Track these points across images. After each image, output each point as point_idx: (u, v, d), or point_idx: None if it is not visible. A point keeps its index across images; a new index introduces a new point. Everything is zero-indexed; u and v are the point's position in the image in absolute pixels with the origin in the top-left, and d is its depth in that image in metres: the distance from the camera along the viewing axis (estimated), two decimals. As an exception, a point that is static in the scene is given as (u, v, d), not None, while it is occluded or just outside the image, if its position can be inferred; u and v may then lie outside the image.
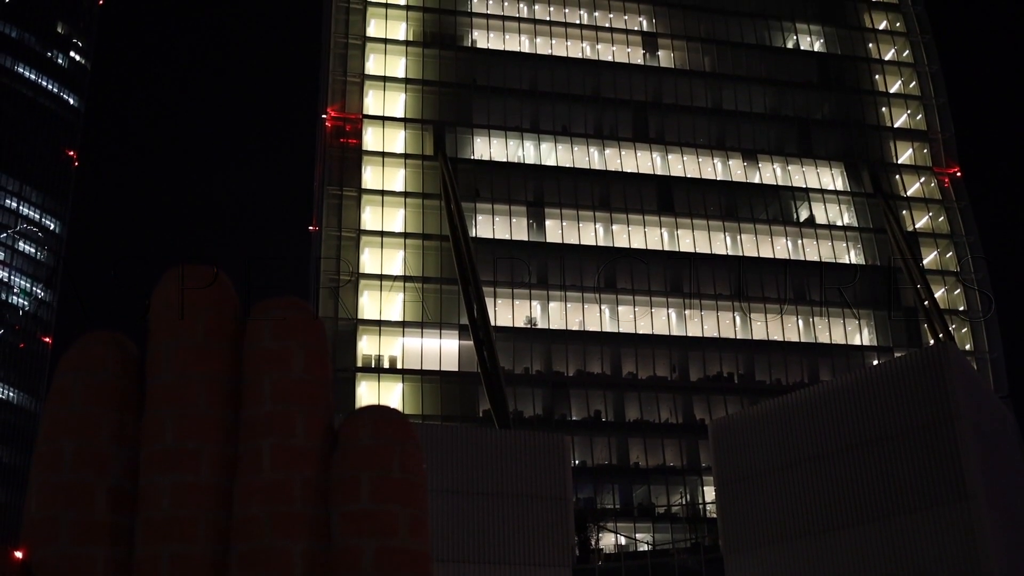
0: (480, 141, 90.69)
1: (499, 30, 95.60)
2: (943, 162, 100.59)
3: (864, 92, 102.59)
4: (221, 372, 4.27)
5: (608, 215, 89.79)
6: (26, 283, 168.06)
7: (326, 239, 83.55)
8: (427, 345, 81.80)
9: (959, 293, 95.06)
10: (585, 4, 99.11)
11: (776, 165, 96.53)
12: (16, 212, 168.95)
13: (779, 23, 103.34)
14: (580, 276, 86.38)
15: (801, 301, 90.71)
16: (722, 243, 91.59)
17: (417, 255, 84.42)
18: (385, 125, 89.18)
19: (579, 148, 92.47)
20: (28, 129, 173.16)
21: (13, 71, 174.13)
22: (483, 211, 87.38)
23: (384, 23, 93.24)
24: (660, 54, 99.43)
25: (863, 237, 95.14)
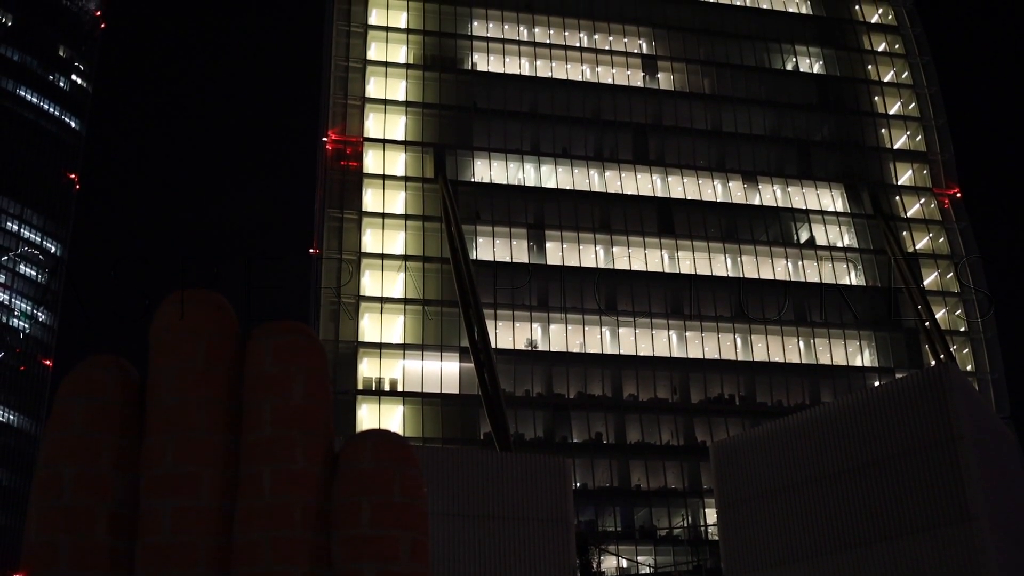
0: (480, 163, 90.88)
1: (499, 53, 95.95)
2: (943, 183, 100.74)
3: (863, 114, 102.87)
4: (222, 396, 4.28)
5: (608, 237, 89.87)
6: (27, 306, 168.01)
7: (327, 262, 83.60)
8: (428, 367, 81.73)
9: (960, 314, 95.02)
10: (585, 27, 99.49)
11: (776, 187, 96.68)
12: (17, 235, 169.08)
13: (778, 45, 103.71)
14: (581, 298, 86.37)
15: (802, 322, 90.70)
16: (722, 265, 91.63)
17: (418, 277, 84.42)
18: (386, 148, 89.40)
19: (579, 170, 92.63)
20: (29, 152, 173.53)
21: (15, 94, 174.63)
22: (483, 233, 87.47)
23: (385, 46, 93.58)
24: (660, 76, 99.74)
25: (863, 258, 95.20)
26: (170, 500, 4.14)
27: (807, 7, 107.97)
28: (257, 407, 4.29)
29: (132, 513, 4.20)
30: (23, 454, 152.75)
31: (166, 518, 4.11)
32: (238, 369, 4.36)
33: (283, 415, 4.25)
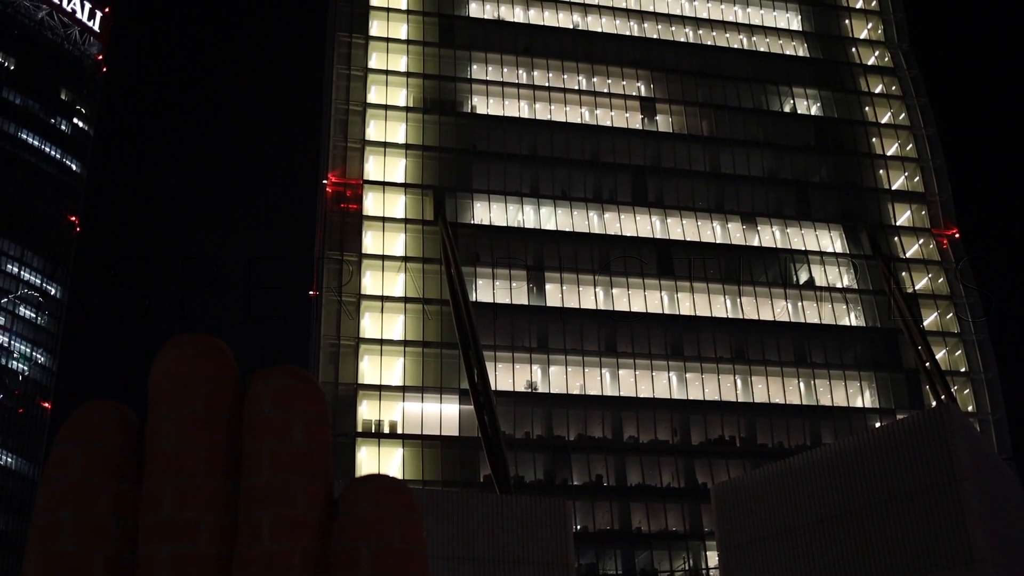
0: (480, 206, 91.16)
1: (498, 96, 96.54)
2: (941, 223, 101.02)
3: (861, 155, 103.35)
4: (221, 441, 4.27)
5: (608, 279, 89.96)
6: (26, 348, 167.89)
7: (326, 304, 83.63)
8: (427, 410, 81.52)
9: (960, 354, 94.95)
10: (583, 70, 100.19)
11: (775, 228, 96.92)
12: (17, 277, 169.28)
13: (776, 87, 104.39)
14: (581, 340, 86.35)
15: (802, 363, 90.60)
16: (722, 306, 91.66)
17: (417, 320, 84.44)
18: (385, 190, 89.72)
19: (579, 212, 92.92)
20: (30, 195, 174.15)
21: (16, 137, 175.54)
22: (483, 275, 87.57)
23: (384, 90, 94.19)
24: (658, 119, 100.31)
25: (863, 299, 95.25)
26: (169, 546, 4.11)
27: (804, 50, 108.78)
28: (256, 452, 4.28)
29: (130, 559, 4.17)
30: (21, 497, 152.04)
31: (165, 564, 4.09)
32: (237, 414, 4.35)
33: (282, 460, 4.24)
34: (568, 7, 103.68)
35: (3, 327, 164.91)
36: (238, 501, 4.24)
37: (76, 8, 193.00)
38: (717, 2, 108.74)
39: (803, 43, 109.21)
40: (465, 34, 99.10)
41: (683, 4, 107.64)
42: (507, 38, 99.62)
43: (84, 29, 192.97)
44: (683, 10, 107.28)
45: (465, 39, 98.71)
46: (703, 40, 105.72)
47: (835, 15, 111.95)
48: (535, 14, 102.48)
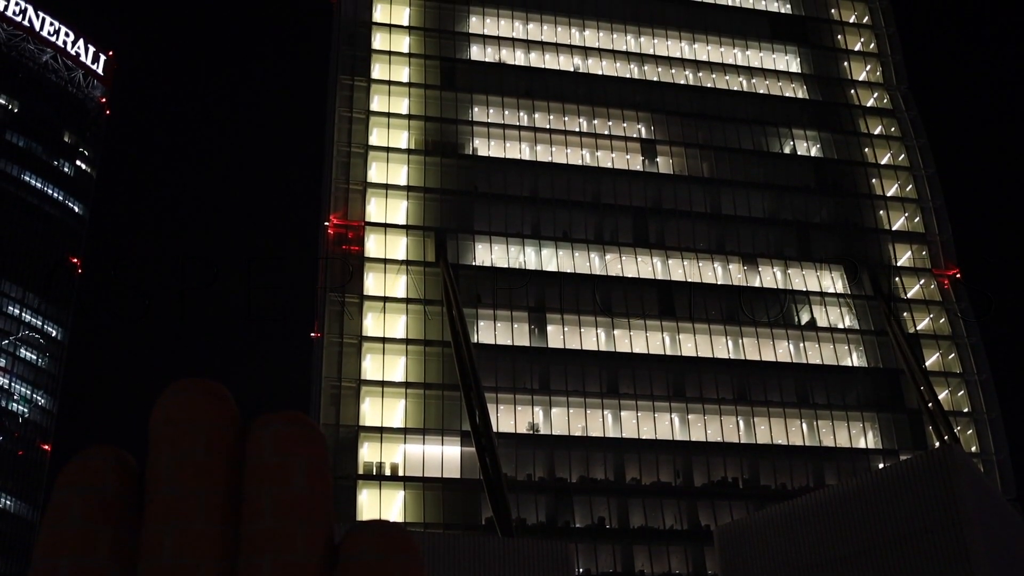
0: (481, 247, 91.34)
1: (500, 138, 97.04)
2: (942, 264, 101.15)
3: (861, 196, 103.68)
4: (221, 487, 4.25)
5: (610, 320, 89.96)
6: (26, 390, 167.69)
7: (328, 346, 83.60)
8: (429, 451, 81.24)
9: (963, 394, 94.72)
10: (584, 112, 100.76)
11: (776, 269, 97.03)
12: (18, 319, 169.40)
13: (776, 129, 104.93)
14: (582, 381, 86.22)
15: (804, 404, 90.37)
16: (724, 347, 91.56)
17: (419, 361, 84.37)
18: (387, 232, 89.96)
19: (580, 253, 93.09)
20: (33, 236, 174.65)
21: (19, 179, 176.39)
22: (485, 316, 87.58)
23: (386, 132, 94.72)
24: (659, 160, 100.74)
25: (865, 339, 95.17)
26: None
27: (804, 92, 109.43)
28: (257, 497, 4.26)
29: (130, 606, 4.14)
30: (21, 540, 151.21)
31: (164, 611, 4.06)
32: (238, 459, 4.34)
33: (283, 505, 4.22)
34: (568, 50, 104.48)
35: (3, 369, 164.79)
36: (238, 547, 4.22)
37: (80, 52, 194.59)
38: (717, 45, 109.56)
39: (802, 85, 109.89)
40: (466, 77, 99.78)
41: (683, 47, 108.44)
42: (508, 81, 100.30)
43: (88, 72, 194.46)
44: (683, 53, 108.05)
45: (466, 82, 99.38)
46: (703, 82, 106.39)
47: (834, 57, 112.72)
48: (536, 57, 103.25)
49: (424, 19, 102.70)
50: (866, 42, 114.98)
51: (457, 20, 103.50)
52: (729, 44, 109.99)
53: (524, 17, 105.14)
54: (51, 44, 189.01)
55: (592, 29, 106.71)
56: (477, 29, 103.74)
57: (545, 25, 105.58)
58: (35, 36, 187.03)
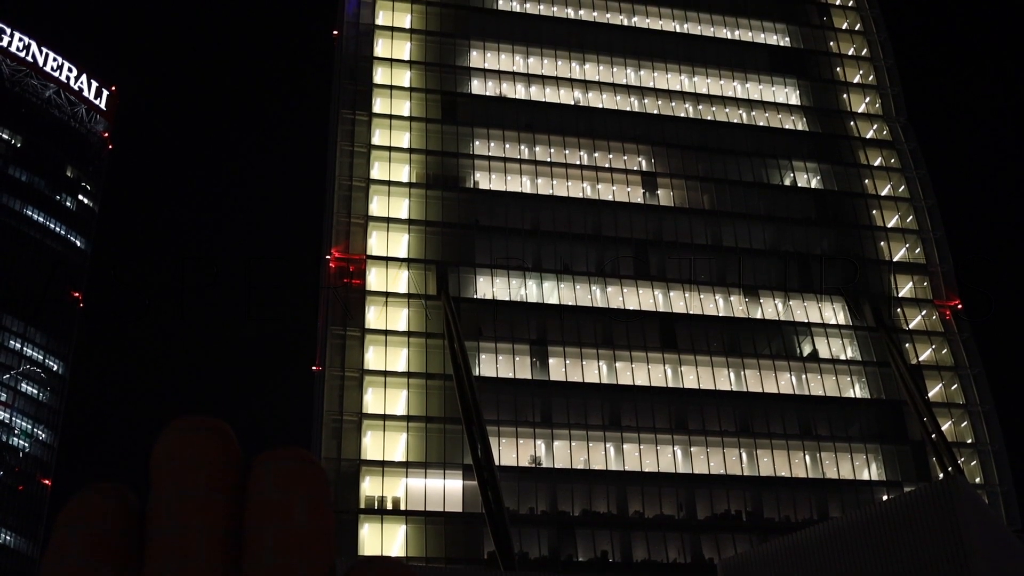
0: (483, 280, 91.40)
1: (501, 171, 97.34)
2: (943, 294, 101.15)
3: (862, 227, 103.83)
4: (222, 524, 4.24)
5: (611, 352, 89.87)
6: (27, 425, 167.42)
7: (329, 379, 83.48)
8: (431, 485, 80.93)
9: (966, 425, 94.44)
10: (585, 145, 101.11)
11: (777, 300, 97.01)
12: (19, 353, 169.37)
13: (776, 161, 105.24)
14: (584, 414, 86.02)
15: (807, 436, 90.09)
16: (726, 379, 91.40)
17: (420, 395, 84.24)
18: (388, 265, 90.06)
19: (581, 286, 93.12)
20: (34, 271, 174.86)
21: (21, 214, 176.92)
22: (486, 350, 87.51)
23: (388, 165, 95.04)
24: (660, 193, 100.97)
25: (867, 371, 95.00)
26: (169, 631, 4.06)
27: (803, 124, 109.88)
28: (258, 534, 4.25)
29: (130, 645, 4.12)
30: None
31: (165, 650, 4.04)
32: (239, 496, 4.33)
33: (285, 542, 4.21)
34: (569, 84, 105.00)
35: (4, 403, 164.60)
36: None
37: (83, 87, 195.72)
38: (716, 78, 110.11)
39: (802, 117, 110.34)
40: (467, 111, 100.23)
41: (682, 80, 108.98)
42: (509, 114, 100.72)
43: (91, 107, 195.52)
44: (683, 86, 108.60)
45: (467, 115, 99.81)
46: (703, 115, 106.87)
47: (833, 89, 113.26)
48: (536, 91, 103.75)
49: (425, 54, 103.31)
50: (865, 74, 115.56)
51: (458, 54, 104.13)
52: (728, 77, 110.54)
53: (524, 51, 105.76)
54: (54, 79, 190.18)
55: (592, 63, 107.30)
56: (478, 63, 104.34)
57: (545, 59, 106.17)
58: (38, 71, 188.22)
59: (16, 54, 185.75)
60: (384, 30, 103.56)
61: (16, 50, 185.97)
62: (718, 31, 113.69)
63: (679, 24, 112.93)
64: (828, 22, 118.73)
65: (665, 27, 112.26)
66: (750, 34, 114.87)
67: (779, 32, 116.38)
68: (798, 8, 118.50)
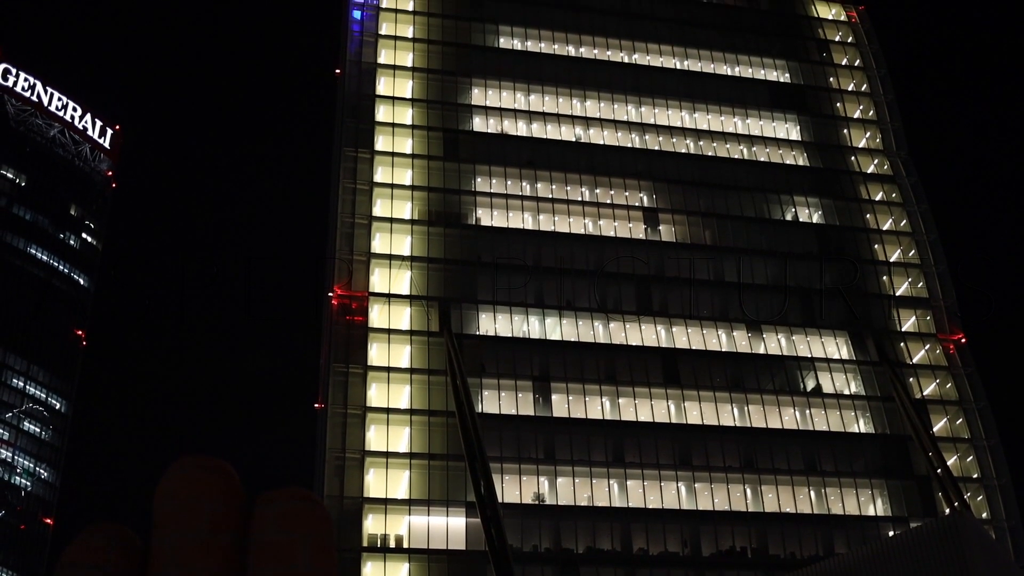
0: (485, 317, 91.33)
1: (503, 208, 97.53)
2: (947, 329, 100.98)
3: (865, 261, 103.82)
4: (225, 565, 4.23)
5: (614, 388, 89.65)
6: (29, 463, 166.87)
7: (331, 416, 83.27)
8: (434, 523, 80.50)
9: (972, 460, 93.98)
10: (586, 181, 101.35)
11: (780, 335, 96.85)
12: (22, 391, 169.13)
13: (777, 196, 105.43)
14: (588, 451, 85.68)
15: (812, 472, 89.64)
16: (729, 415, 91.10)
17: (423, 432, 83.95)
18: (391, 302, 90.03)
19: (583, 322, 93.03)
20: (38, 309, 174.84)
21: (25, 252, 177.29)
22: (489, 386, 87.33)
23: (390, 203, 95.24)
24: (661, 228, 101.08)
25: (871, 406, 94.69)
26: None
27: (804, 159, 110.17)
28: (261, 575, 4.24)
29: None
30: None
31: None
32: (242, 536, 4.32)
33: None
34: (570, 120, 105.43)
35: (7, 442, 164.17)
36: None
37: (87, 126, 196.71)
38: (717, 113, 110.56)
39: (803, 152, 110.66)
40: (469, 148, 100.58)
41: (683, 116, 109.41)
42: (511, 151, 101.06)
43: (95, 146, 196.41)
44: (683, 122, 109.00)
45: (469, 153, 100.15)
46: (704, 151, 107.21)
47: (833, 125, 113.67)
48: (538, 128, 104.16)
49: (427, 91, 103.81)
50: (865, 109, 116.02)
51: (459, 92, 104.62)
52: (729, 113, 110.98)
53: (526, 88, 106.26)
54: (59, 119, 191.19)
55: (593, 99, 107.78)
56: (479, 101, 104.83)
57: (546, 96, 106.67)
58: (43, 111, 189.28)
59: (22, 94, 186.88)
60: (386, 68, 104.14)
61: (22, 90, 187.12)
62: (718, 67, 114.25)
63: (679, 61, 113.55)
64: (828, 58, 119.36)
65: (665, 64, 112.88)
66: (750, 70, 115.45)
67: (779, 68, 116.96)
68: (798, 44, 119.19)
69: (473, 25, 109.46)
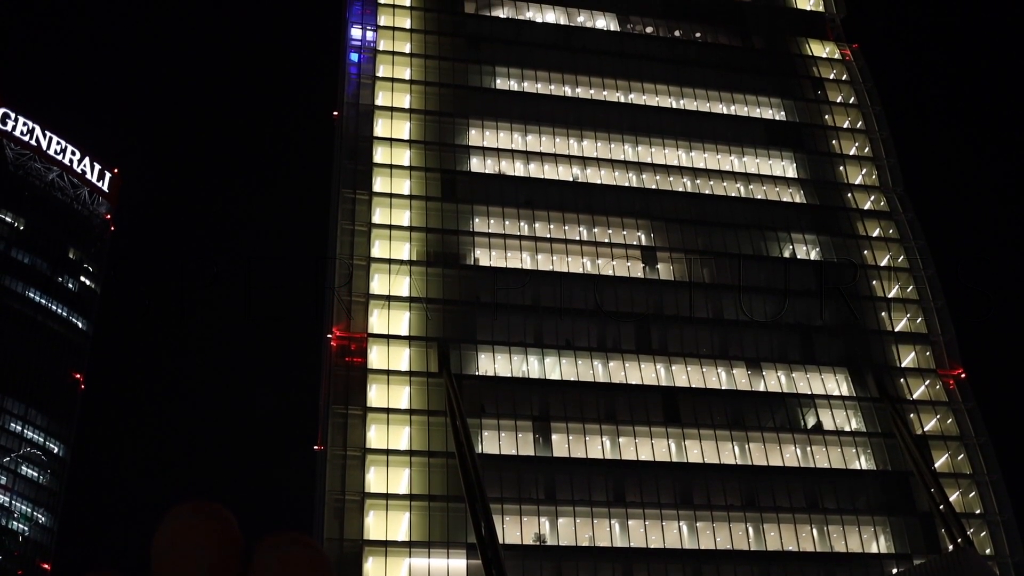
0: (484, 357, 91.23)
1: (501, 248, 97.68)
2: (946, 364, 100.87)
3: (863, 298, 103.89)
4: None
5: (614, 428, 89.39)
6: (27, 508, 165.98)
7: (331, 458, 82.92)
8: (435, 565, 79.98)
9: (974, 495, 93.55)
10: (584, 221, 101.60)
11: (780, 373, 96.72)
12: (20, 435, 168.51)
13: (775, 233, 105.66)
14: (588, 490, 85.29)
15: (814, 509, 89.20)
16: (730, 453, 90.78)
17: (423, 473, 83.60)
18: (390, 343, 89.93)
19: (583, 361, 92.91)
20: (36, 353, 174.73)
21: (23, 296, 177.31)
22: (489, 427, 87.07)
23: (388, 244, 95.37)
24: (660, 267, 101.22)
25: (872, 442, 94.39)
26: None
27: (801, 196, 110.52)
28: (261, 623, 4.20)
29: None
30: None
31: None
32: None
33: (287, 631, 4.15)
34: (567, 160, 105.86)
35: (4, 487, 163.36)
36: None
37: (86, 169, 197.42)
38: (713, 152, 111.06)
39: (799, 190, 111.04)
40: (467, 188, 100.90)
41: (680, 155, 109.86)
42: (508, 191, 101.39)
43: (93, 190, 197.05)
44: (680, 161, 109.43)
45: (467, 193, 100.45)
46: (701, 189, 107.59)
47: (829, 162, 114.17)
48: (535, 168, 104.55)
49: (424, 133, 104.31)
50: (860, 146, 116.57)
51: (457, 133, 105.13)
52: (725, 151, 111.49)
53: (523, 129, 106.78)
54: (57, 162, 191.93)
55: (590, 139, 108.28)
56: (477, 141, 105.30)
57: (544, 136, 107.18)
58: (42, 155, 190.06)
59: (20, 138, 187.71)
60: (384, 110, 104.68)
61: (20, 134, 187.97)
62: (714, 106, 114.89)
63: (675, 100, 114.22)
64: (823, 96, 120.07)
65: (661, 103, 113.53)
66: (746, 109, 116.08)
67: (774, 106, 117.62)
68: (792, 82, 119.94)
69: (470, 67, 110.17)
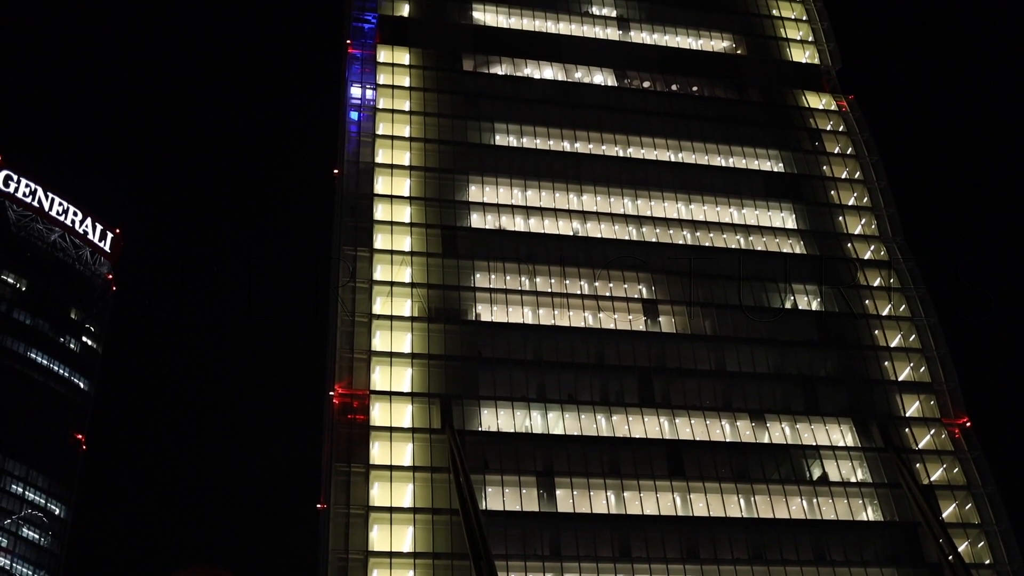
0: (487, 412, 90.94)
1: (502, 303, 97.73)
2: (951, 413, 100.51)
3: (865, 347, 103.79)
4: None
5: (619, 482, 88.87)
6: (28, 571, 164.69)
7: (334, 517, 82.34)
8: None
9: (983, 545, 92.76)
10: (585, 275, 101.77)
11: (784, 424, 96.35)
12: (22, 497, 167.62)
13: (775, 285, 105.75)
14: (594, 546, 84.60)
15: (822, 562, 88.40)
16: (736, 506, 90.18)
17: (427, 530, 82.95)
18: (392, 400, 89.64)
19: (586, 416, 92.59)
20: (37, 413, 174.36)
21: (25, 357, 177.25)
22: (492, 483, 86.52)
23: (389, 300, 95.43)
24: (661, 320, 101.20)
25: (879, 493, 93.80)
26: None
27: (801, 247, 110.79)
28: None
29: None
30: None
31: None
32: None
33: None
34: (567, 215, 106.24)
35: (5, 549, 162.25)
36: None
37: (88, 230, 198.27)
38: (712, 204, 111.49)
39: (799, 241, 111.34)
40: (467, 244, 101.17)
41: (679, 208, 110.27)
42: (509, 246, 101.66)
43: (95, 250, 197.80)
44: (680, 213, 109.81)
45: (467, 249, 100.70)
46: (701, 241, 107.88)
47: (828, 212, 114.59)
48: (535, 223, 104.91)
49: (424, 189, 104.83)
50: (859, 196, 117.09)
51: (457, 189, 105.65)
52: (725, 203, 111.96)
53: (522, 184, 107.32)
54: (59, 223, 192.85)
55: (589, 193, 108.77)
56: (476, 197, 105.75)
57: (543, 191, 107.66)
58: (44, 216, 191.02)
59: (23, 200, 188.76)
60: (384, 168, 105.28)
61: (23, 196, 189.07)
62: (712, 159, 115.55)
63: (674, 154, 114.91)
64: (820, 147, 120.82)
65: (660, 157, 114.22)
66: (744, 161, 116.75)
67: (772, 158, 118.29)
68: (790, 134, 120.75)
69: (468, 123, 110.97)
